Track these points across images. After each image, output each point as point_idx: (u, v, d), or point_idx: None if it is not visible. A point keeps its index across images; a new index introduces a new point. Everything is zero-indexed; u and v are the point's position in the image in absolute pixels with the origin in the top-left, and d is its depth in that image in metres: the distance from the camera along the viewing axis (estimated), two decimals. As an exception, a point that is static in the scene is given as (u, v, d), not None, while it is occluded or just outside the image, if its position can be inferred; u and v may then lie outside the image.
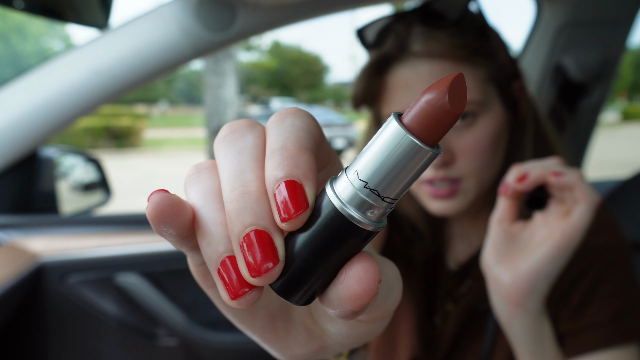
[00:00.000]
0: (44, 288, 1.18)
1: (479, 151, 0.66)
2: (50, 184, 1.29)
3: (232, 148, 0.25)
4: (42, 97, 1.11)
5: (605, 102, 1.44)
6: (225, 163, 0.25)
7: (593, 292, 0.63)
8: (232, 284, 0.23)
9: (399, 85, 0.67)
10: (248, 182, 0.23)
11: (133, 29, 1.10)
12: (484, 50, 0.67)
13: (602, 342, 0.61)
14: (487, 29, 0.69)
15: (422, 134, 0.21)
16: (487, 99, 0.67)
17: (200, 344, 1.21)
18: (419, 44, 0.65)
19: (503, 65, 0.69)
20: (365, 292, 0.22)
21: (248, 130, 0.26)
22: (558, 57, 1.35)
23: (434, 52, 0.65)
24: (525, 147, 0.71)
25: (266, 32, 1.16)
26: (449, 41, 0.64)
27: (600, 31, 1.33)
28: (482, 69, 0.67)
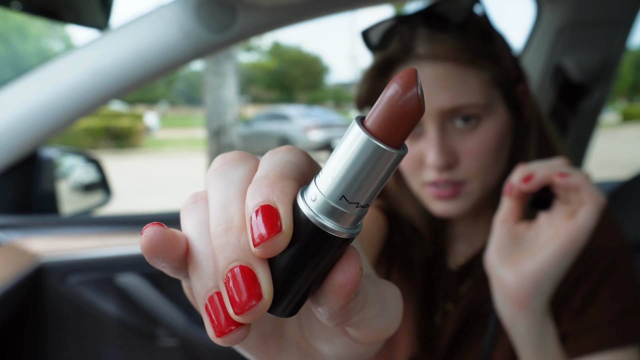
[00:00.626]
0: (44, 288, 1.18)
1: (483, 154, 0.66)
2: (50, 184, 1.30)
3: (221, 181, 0.25)
4: (43, 98, 1.11)
5: (605, 103, 1.44)
6: (213, 196, 0.25)
7: (595, 293, 0.63)
8: (219, 322, 0.23)
9: None
10: (232, 217, 0.23)
11: (133, 30, 1.10)
12: (489, 54, 0.67)
13: (604, 343, 0.61)
14: (492, 32, 0.69)
15: (386, 136, 0.21)
16: (491, 102, 0.67)
17: (200, 344, 1.21)
18: (423, 47, 0.65)
19: (507, 68, 0.69)
20: (348, 280, 0.22)
21: (240, 163, 0.26)
22: (558, 58, 1.35)
23: (438, 54, 0.65)
24: (529, 149, 0.71)
25: (266, 33, 1.16)
26: (453, 44, 0.64)
27: (600, 32, 1.33)
28: (486, 72, 0.67)
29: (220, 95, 5.15)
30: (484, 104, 0.66)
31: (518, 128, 0.73)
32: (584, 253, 0.63)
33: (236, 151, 0.27)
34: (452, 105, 0.64)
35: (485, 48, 0.67)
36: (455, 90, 0.65)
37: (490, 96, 0.67)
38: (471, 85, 0.65)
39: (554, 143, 0.74)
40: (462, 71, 0.65)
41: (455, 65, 0.65)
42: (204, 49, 1.11)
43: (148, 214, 1.29)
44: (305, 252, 0.22)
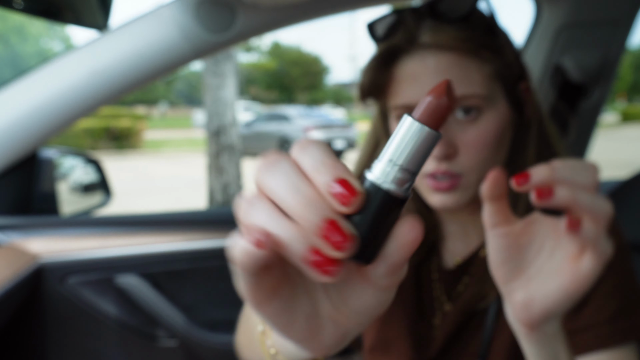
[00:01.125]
0: (44, 289, 1.18)
1: (482, 147, 0.67)
2: (50, 185, 1.29)
3: (276, 172, 0.31)
4: (42, 99, 1.11)
5: (605, 103, 1.44)
6: (276, 184, 0.30)
7: (592, 291, 0.63)
8: (324, 263, 0.28)
9: (405, 76, 0.68)
10: (305, 191, 0.29)
11: (132, 30, 1.10)
12: (492, 46, 0.67)
13: (601, 342, 0.61)
14: (496, 27, 0.70)
15: (428, 122, 0.31)
16: (493, 95, 0.68)
17: (200, 344, 1.21)
18: (427, 36, 0.66)
19: (510, 63, 0.70)
20: (416, 237, 0.30)
21: (283, 158, 0.31)
22: (557, 58, 1.35)
23: (441, 44, 0.65)
24: (529, 148, 0.72)
25: (266, 33, 1.16)
26: (456, 34, 0.65)
27: (600, 32, 1.33)
28: (488, 65, 0.67)
29: (220, 96, 5.15)
30: (485, 96, 0.66)
31: (519, 126, 0.73)
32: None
33: (273, 152, 0.33)
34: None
35: (489, 41, 0.67)
36: (457, 80, 0.65)
37: (491, 89, 0.68)
38: (473, 76, 0.66)
39: (555, 143, 0.74)
40: (464, 62, 0.66)
41: (458, 55, 0.65)
42: (203, 49, 1.11)
43: (148, 215, 1.30)
44: (376, 211, 0.30)
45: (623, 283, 0.64)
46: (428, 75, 0.66)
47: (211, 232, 1.28)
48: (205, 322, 1.29)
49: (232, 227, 1.29)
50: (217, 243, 1.27)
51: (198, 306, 1.29)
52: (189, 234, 1.27)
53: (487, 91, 0.67)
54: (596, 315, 0.62)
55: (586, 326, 0.62)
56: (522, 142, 0.72)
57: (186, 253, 1.26)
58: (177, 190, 8.52)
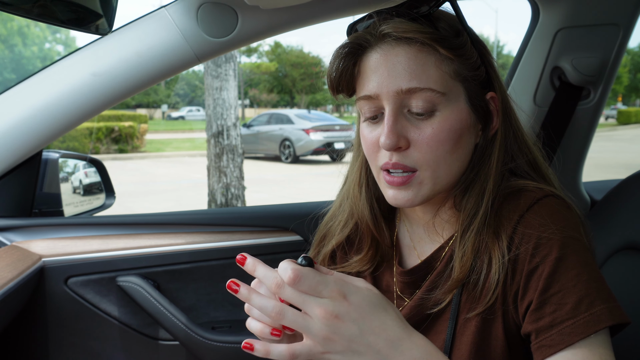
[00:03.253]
0: (47, 289, 1.19)
1: (435, 143, 0.68)
2: (53, 186, 1.30)
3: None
4: (45, 100, 1.12)
5: (604, 104, 1.44)
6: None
7: (548, 289, 0.63)
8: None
9: (368, 69, 0.70)
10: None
11: (134, 33, 1.11)
12: (450, 43, 0.69)
13: (565, 340, 0.61)
14: (460, 30, 0.71)
15: None
16: (450, 94, 0.69)
17: (201, 344, 1.22)
18: (388, 27, 0.68)
19: (473, 67, 0.71)
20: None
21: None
22: (556, 60, 1.36)
23: (399, 33, 0.67)
24: (493, 155, 0.73)
25: (267, 37, 1.17)
26: (417, 26, 0.68)
27: (599, 34, 1.33)
28: (447, 63, 0.69)
29: (221, 98, 5.16)
30: (441, 92, 0.68)
31: (486, 135, 0.74)
32: (533, 246, 0.65)
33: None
34: (409, 87, 0.67)
35: (449, 38, 0.69)
36: (414, 73, 0.67)
37: (449, 87, 0.69)
38: (430, 71, 0.68)
39: (531, 153, 0.76)
40: (422, 56, 0.68)
41: (417, 49, 0.68)
42: (205, 52, 1.12)
43: (149, 215, 1.30)
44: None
45: (580, 274, 0.63)
46: (387, 67, 0.68)
47: (212, 232, 1.29)
48: (206, 322, 1.30)
49: (233, 228, 1.30)
50: (218, 243, 1.28)
51: (199, 306, 1.30)
52: (190, 235, 1.28)
53: (444, 89, 0.68)
54: (557, 312, 0.62)
55: (549, 325, 0.62)
56: (486, 150, 0.73)
57: (187, 253, 1.26)
58: (179, 191, 8.53)
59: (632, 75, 33.27)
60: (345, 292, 0.55)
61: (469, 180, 0.72)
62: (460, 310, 0.71)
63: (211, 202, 5.47)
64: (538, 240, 0.66)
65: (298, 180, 9.53)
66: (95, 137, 14.39)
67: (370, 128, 0.73)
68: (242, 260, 0.60)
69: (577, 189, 1.49)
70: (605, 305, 0.62)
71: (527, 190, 0.71)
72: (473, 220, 0.70)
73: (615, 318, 0.61)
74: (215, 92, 5.23)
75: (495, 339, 0.68)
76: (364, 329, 0.55)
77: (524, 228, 0.67)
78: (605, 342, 0.62)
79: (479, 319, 0.69)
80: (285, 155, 12.85)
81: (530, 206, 0.69)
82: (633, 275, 1.07)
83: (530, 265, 0.65)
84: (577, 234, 0.67)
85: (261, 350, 0.58)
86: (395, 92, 0.68)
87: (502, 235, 0.68)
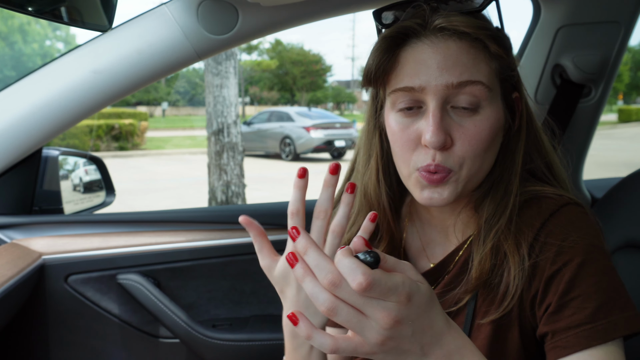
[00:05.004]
0: (47, 287, 1.19)
1: (477, 141, 0.66)
2: (53, 184, 1.30)
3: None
4: (45, 98, 1.12)
5: (605, 102, 1.44)
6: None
7: (569, 293, 0.63)
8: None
9: (412, 60, 0.67)
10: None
11: (134, 30, 1.11)
12: (502, 43, 0.67)
13: (581, 342, 0.61)
14: (503, 28, 0.71)
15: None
16: (494, 91, 0.68)
17: (201, 342, 1.22)
18: (440, 20, 0.65)
19: (512, 68, 0.70)
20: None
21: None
22: (557, 58, 1.36)
23: (454, 29, 0.65)
24: (517, 156, 0.72)
25: (267, 34, 1.16)
26: (471, 21, 0.65)
27: (600, 32, 1.33)
28: (495, 61, 0.67)
29: (222, 95, 5.16)
30: (489, 88, 0.66)
31: (510, 132, 0.73)
32: (554, 252, 0.65)
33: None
34: (460, 80, 0.64)
35: (500, 36, 0.68)
36: (466, 66, 0.65)
37: (494, 84, 0.68)
38: (480, 66, 0.66)
39: (548, 151, 0.76)
40: (473, 51, 0.66)
41: (469, 43, 0.65)
42: (205, 49, 1.12)
43: (150, 213, 1.30)
44: None
45: (601, 281, 0.63)
46: (436, 60, 0.65)
47: (212, 230, 1.29)
48: (206, 319, 1.30)
49: (233, 226, 1.30)
50: (219, 241, 1.28)
51: (199, 304, 1.30)
52: (191, 232, 1.28)
53: (491, 84, 0.67)
54: (576, 316, 0.62)
55: (566, 327, 0.62)
56: (510, 148, 0.73)
57: (188, 251, 1.26)
58: (179, 189, 8.53)
59: (633, 73, 33.26)
60: (411, 294, 0.49)
61: (491, 181, 0.72)
62: (475, 314, 0.70)
63: (211, 199, 5.47)
64: (560, 248, 0.65)
65: (298, 178, 9.51)
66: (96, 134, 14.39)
67: (405, 121, 0.68)
68: (294, 236, 0.51)
69: (578, 186, 1.49)
70: (623, 314, 0.62)
71: (547, 197, 0.70)
72: (493, 222, 0.69)
73: (632, 327, 0.62)
74: (215, 90, 5.22)
75: (511, 343, 0.68)
76: (416, 328, 0.50)
77: (545, 237, 0.67)
78: (619, 348, 0.62)
79: (492, 325, 0.68)
80: (285, 153, 12.85)
81: (551, 214, 0.68)
82: (634, 273, 1.06)
83: (550, 270, 0.65)
84: (598, 241, 0.67)
85: (304, 331, 0.50)
86: (444, 86, 0.65)
87: (522, 242, 0.67)
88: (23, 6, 0.83)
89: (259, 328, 1.25)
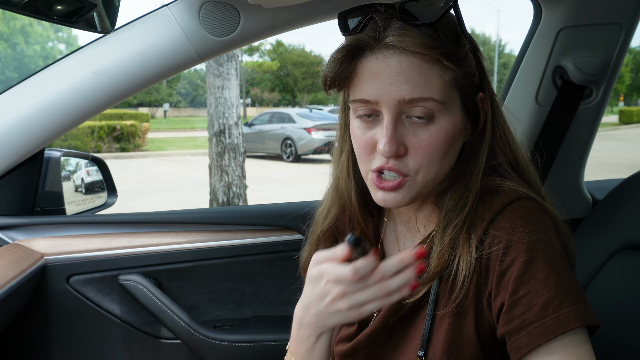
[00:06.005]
0: (49, 288, 1.20)
1: (431, 150, 0.69)
2: (55, 185, 1.31)
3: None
4: (47, 99, 1.12)
5: (606, 104, 1.44)
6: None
7: (518, 291, 0.64)
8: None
9: (367, 73, 0.69)
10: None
11: (136, 32, 1.11)
12: (455, 56, 0.69)
13: (534, 342, 0.61)
14: (461, 35, 0.71)
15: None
16: (449, 102, 0.70)
17: (203, 343, 1.22)
18: (393, 38, 0.67)
19: (470, 73, 0.72)
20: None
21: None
22: (558, 59, 1.36)
23: (406, 47, 0.67)
24: (481, 153, 0.74)
25: (269, 36, 1.17)
26: (422, 40, 0.67)
27: (601, 33, 1.33)
28: (449, 73, 0.69)
29: (223, 97, 5.16)
30: (442, 101, 0.68)
31: (474, 132, 0.75)
32: (502, 249, 0.66)
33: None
34: (411, 97, 0.67)
35: (453, 50, 0.69)
36: (417, 83, 0.67)
37: (448, 96, 0.69)
38: (433, 81, 0.68)
39: (515, 149, 0.77)
40: (426, 66, 0.67)
41: (421, 60, 0.67)
42: (207, 51, 1.12)
43: (151, 214, 1.31)
44: None
45: (549, 277, 0.63)
46: (389, 75, 0.68)
47: (214, 231, 1.29)
48: (208, 320, 1.30)
49: (234, 227, 1.30)
50: (220, 242, 1.28)
51: (201, 305, 1.30)
52: (192, 233, 1.28)
53: (444, 97, 0.69)
54: (526, 314, 0.63)
55: (519, 327, 0.63)
56: (476, 147, 0.74)
57: (189, 252, 1.27)
58: (180, 190, 8.54)
59: (634, 74, 33.26)
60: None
61: (452, 177, 0.74)
62: (436, 306, 0.72)
63: (213, 200, 5.47)
64: (508, 243, 0.67)
65: (299, 179, 9.54)
66: (97, 135, 14.41)
67: (364, 126, 0.72)
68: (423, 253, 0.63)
69: (579, 188, 1.49)
70: (573, 307, 0.62)
71: (501, 191, 0.72)
72: (452, 216, 0.71)
73: (584, 320, 0.62)
74: (217, 91, 5.23)
75: (467, 337, 0.69)
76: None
77: (495, 230, 0.69)
78: (581, 342, 0.62)
79: (452, 317, 0.70)
80: (286, 154, 12.85)
81: (502, 208, 0.70)
82: (634, 275, 1.06)
83: (501, 267, 0.66)
84: (547, 237, 0.67)
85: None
86: (396, 101, 0.68)
87: (472, 235, 0.70)
88: (25, 8, 0.83)
89: (260, 329, 1.26)
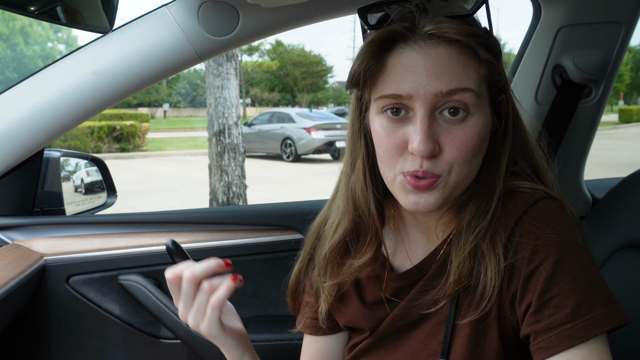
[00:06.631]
0: (48, 288, 1.19)
1: (465, 148, 0.65)
2: (54, 185, 1.31)
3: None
4: (46, 99, 1.12)
5: (605, 103, 1.44)
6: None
7: (547, 292, 0.63)
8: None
9: (400, 66, 0.65)
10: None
11: (135, 31, 1.11)
12: (493, 48, 0.66)
13: (563, 341, 0.61)
14: (493, 34, 0.69)
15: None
16: (483, 98, 0.67)
17: (202, 343, 1.22)
18: (431, 26, 0.63)
19: (500, 72, 0.70)
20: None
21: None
22: (558, 58, 1.36)
23: (444, 35, 0.63)
24: (503, 157, 0.72)
25: (268, 35, 1.17)
26: (461, 27, 0.63)
27: (600, 32, 1.33)
28: (484, 67, 0.66)
29: (223, 97, 5.16)
30: (478, 94, 0.65)
31: (496, 135, 0.72)
32: (530, 251, 0.64)
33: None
34: (449, 88, 0.63)
35: (489, 42, 0.66)
36: (455, 73, 0.63)
37: (482, 90, 0.67)
38: (470, 73, 0.65)
39: (534, 154, 0.75)
40: (463, 58, 0.64)
41: (459, 49, 0.64)
42: (206, 50, 1.12)
43: (151, 214, 1.31)
44: None
45: (578, 277, 0.62)
46: (424, 67, 0.63)
47: (214, 231, 1.29)
48: (208, 320, 1.30)
49: (234, 227, 1.30)
50: (220, 242, 1.28)
51: (201, 305, 1.30)
52: (192, 233, 1.28)
53: (480, 91, 0.66)
54: (556, 315, 0.61)
55: (548, 327, 0.62)
56: (497, 150, 0.72)
57: (189, 252, 1.26)
58: (180, 190, 8.54)
59: (633, 73, 33.29)
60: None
61: (478, 184, 0.71)
62: (457, 315, 0.70)
63: (213, 200, 5.47)
64: (534, 247, 0.65)
65: (299, 179, 9.54)
66: (97, 135, 14.40)
67: (391, 125, 0.66)
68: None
69: (579, 187, 1.49)
70: (604, 308, 0.61)
71: (521, 192, 0.70)
72: (474, 224, 0.69)
73: (614, 322, 0.61)
74: (216, 91, 5.23)
75: (490, 343, 0.68)
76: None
77: (519, 236, 0.66)
78: (603, 343, 0.62)
79: (473, 325, 0.68)
80: (286, 154, 12.85)
81: (525, 211, 0.68)
82: (634, 274, 1.06)
83: (527, 269, 0.65)
84: (573, 236, 0.66)
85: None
86: (433, 94, 0.63)
87: (497, 242, 0.67)
88: (24, 8, 0.83)
89: (260, 329, 1.26)
